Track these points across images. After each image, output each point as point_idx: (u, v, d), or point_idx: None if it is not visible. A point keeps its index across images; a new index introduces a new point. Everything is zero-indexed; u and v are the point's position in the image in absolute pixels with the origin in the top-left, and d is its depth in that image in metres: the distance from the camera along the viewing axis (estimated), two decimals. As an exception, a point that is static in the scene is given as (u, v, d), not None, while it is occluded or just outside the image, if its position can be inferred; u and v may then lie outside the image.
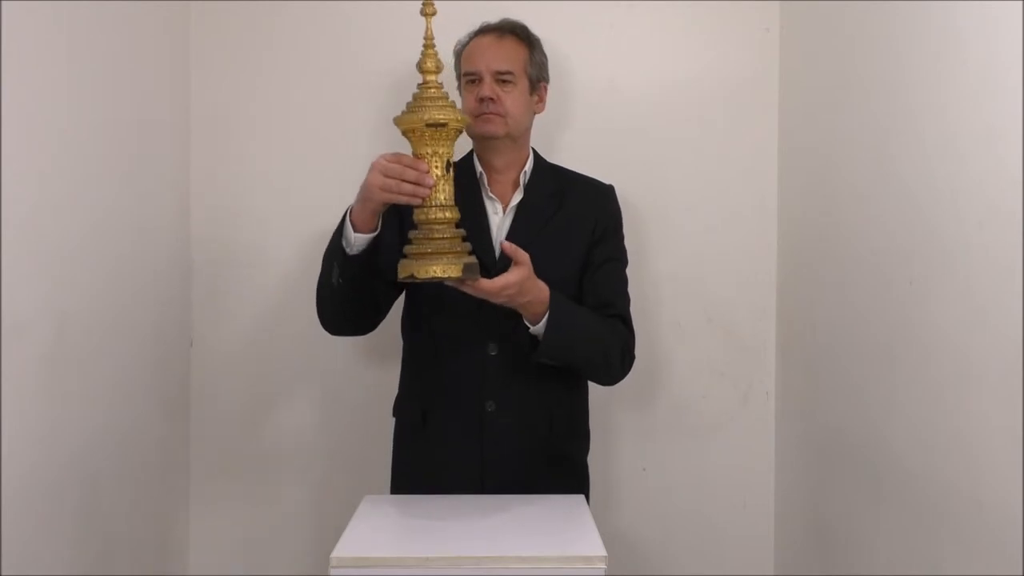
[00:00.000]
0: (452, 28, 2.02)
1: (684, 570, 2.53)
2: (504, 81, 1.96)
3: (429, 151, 1.69)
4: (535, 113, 2.06)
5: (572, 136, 2.45)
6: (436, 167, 1.69)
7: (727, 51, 2.49)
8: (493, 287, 1.72)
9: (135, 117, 2.16)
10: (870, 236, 1.97)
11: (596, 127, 2.48)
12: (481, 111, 1.95)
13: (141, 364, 2.21)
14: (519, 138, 2.02)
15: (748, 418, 2.53)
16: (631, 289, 2.06)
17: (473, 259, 1.71)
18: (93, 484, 1.98)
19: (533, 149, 2.08)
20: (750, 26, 2.49)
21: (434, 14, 1.71)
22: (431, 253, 1.68)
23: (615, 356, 1.96)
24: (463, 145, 1.93)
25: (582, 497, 1.90)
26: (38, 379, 1.76)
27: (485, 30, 2.03)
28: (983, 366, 1.55)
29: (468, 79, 1.99)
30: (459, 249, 1.70)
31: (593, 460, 2.12)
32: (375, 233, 1.79)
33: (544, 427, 1.98)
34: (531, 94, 2.02)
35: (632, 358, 2.01)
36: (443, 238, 1.69)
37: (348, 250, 1.79)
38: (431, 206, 1.69)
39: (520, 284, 1.74)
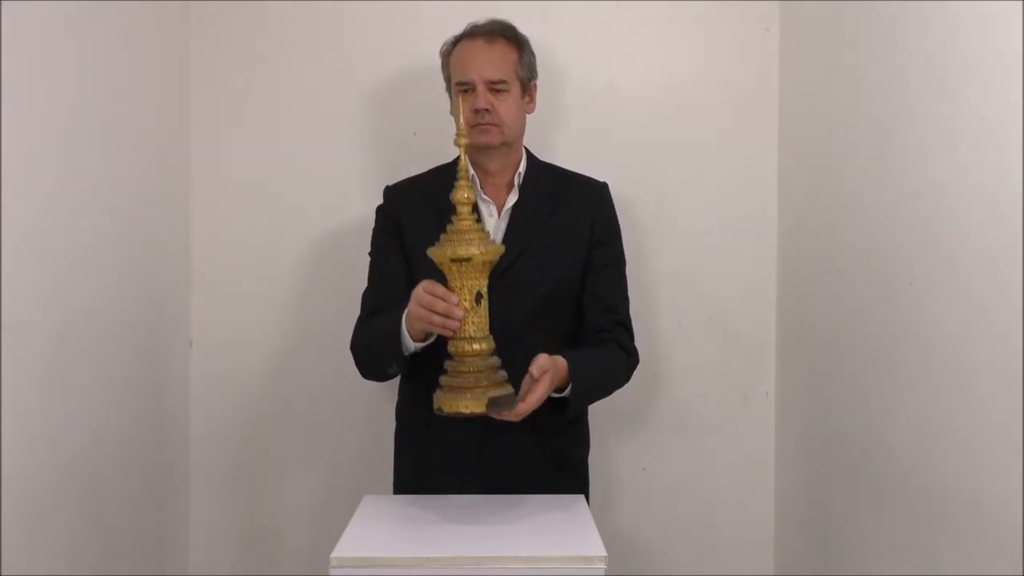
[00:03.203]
0: (451, 27, 2.02)
1: (684, 570, 2.53)
2: (498, 90, 1.95)
3: (458, 284, 1.69)
4: (527, 114, 2.04)
5: (572, 136, 2.45)
6: (465, 300, 1.68)
7: (727, 51, 2.49)
8: (527, 407, 1.74)
9: (135, 118, 2.16)
10: (870, 236, 1.97)
11: (596, 127, 2.47)
12: (476, 121, 1.93)
13: (141, 365, 2.21)
14: (513, 142, 2.01)
15: (748, 418, 2.53)
16: (631, 289, 2.06)
17: (505, 390, 1.71)
18: (93, 484, 1.98)
19: (526, 148, 2.07)
20: (750, 26, 2.49)
21: (467, 145, 1.71)
22: (458, 387, 1.69)
23: (624, 374, 2.02)
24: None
25: (582, 497, 1.90)
26: (39, 379, 1.76)
27: (473, 33, 1.99)
28: (983, 366, 1.55)
29: (461, 88, 1.96)
30: (486, 383, 1.69)
31: (593, 460, 2.12)
32: (430, 341, 1.80)
33: (544, 427, 1.98)
34: (523, 96, 2.01)
35: (636, 360, 2.04)
36: (470, 371, 1.69)
37: (405, 352, 1.82)
38: (460, 339, 1.69)
39: (550, 390, 1.77)
